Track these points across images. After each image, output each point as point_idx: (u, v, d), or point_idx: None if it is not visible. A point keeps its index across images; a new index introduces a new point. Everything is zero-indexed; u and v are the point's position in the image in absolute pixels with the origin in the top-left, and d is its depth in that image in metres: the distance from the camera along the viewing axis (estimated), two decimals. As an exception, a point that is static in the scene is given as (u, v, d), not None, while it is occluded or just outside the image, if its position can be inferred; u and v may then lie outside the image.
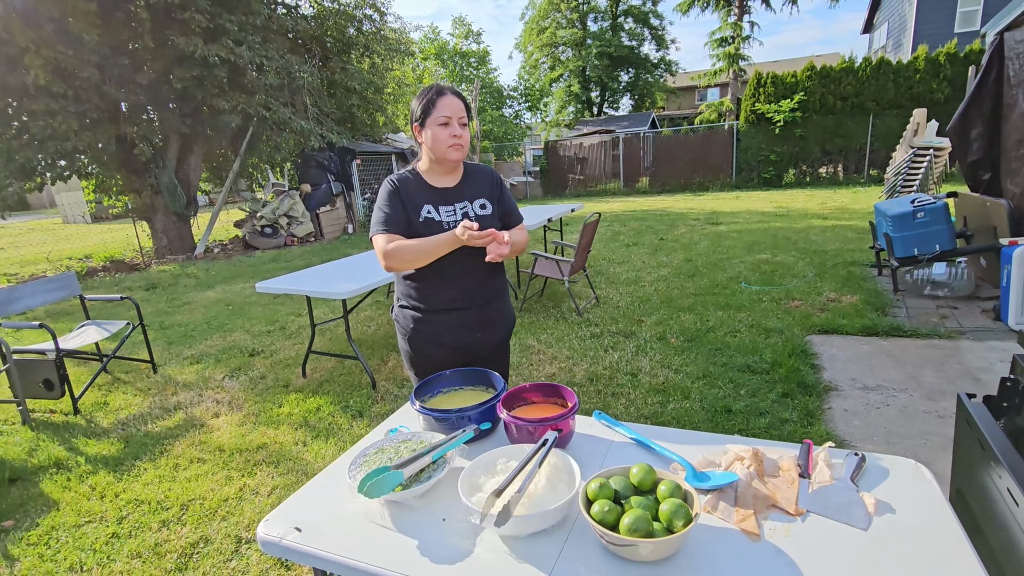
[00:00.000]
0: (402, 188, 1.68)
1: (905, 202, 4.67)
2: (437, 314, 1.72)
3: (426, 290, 1.70)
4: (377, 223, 1.64)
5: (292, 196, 10.90)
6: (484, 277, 1.73)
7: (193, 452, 2.85)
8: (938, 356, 3.30)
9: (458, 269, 1.67)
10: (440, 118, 1.61)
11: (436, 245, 1.56)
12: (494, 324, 1.79)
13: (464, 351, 1.76)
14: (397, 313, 1.80)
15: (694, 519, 0.90)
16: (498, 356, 1.87)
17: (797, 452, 1.19)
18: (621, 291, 5.32)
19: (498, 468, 1.14)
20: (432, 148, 1.65)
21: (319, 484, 1.25)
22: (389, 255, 1.57)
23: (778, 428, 2.66)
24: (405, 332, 1.77)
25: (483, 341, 1.77)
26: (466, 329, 1.74)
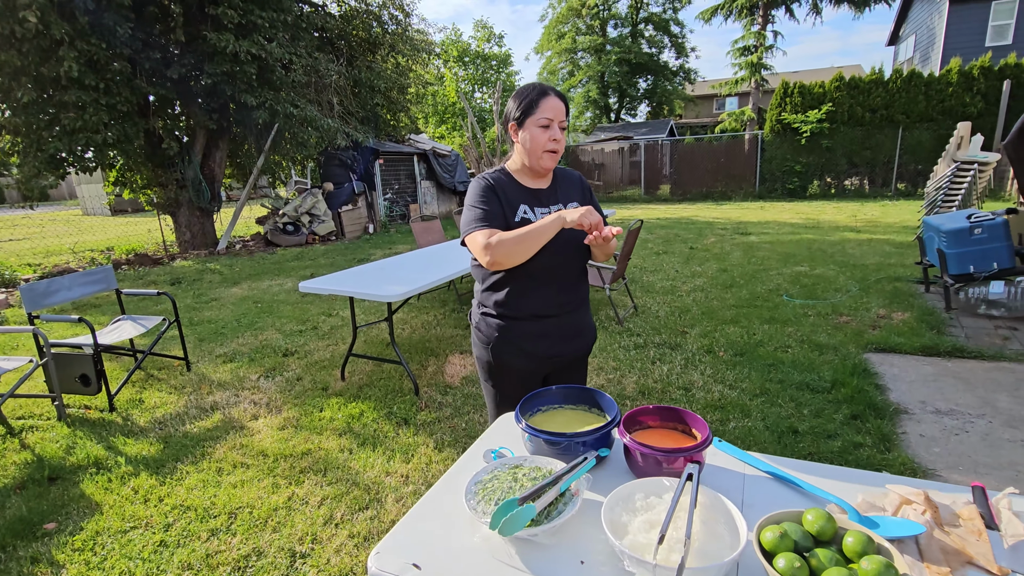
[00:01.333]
0: (498, 186, 1.58)
1: (961, 217, 4.50)
2: (524, 322, 1.61)
3: (515, 295, 1.60)
4: (475, 220, 1.53)
5: (315, 194, 10.86)
6: (573, 283, 1.64)
7: (235, 456, 2.75)
8: (1010, 380, 3.14)
9: (548, 274, 1.58)
10: (542, 119, 1.51)
11: (540, 229, 1.44)
12: (580, 334, 1.69)
13: (547, 362, 1.66)
14: (479, 321, 1.69)
15: (907, 582, 0.77)
16: (577, 370, 1.76)
17: (970, 497, 1.05)
18: (658, 300, 5.18)
19: (637, 505, 1.01)
20: (529, 150, 1.55)
21: (427, 511, 1.13)
22: (493, 248, 1.45)
23: (852, 453, 2.52)
24: (488, 340, 1.66)
25: (568, 352, 1.67)
26: (552, 339, 1.64)
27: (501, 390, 1.72)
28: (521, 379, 1.68)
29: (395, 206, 12.66)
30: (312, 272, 7.44)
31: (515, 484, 1.09)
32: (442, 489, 1.20)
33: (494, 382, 1.72)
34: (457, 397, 3.30)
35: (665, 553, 0.88)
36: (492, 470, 1.16)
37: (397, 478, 2.49)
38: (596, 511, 1.07)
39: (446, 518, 1.10)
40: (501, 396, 1.72)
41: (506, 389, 1.71)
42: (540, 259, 1.52)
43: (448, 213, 13.82)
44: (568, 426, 1.33)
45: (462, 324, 4.75)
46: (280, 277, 7.24)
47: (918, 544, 0.94)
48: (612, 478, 1.18)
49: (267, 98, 8.81)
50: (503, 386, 1.70)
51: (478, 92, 23.45)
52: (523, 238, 1.45)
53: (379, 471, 2.55)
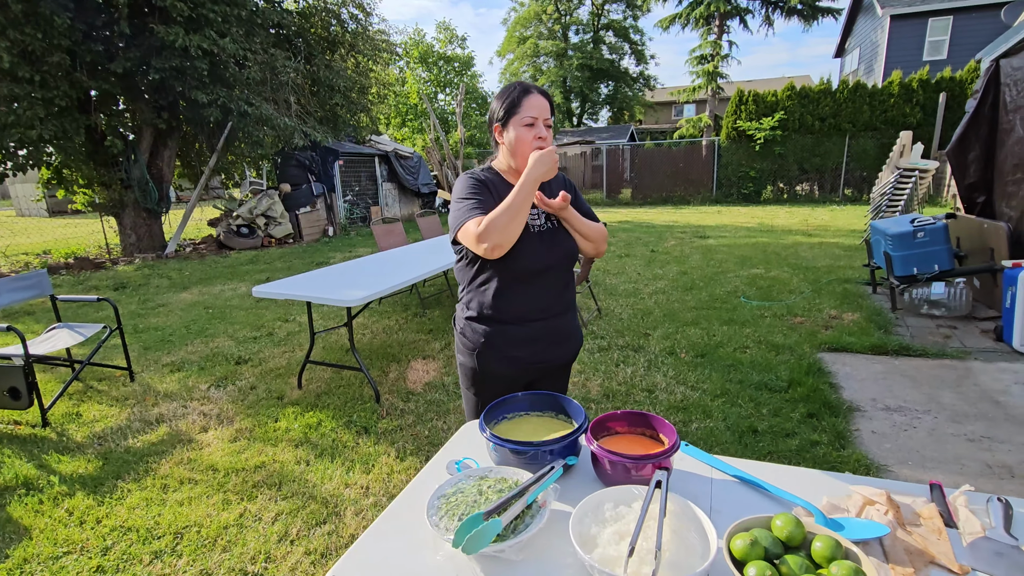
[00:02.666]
0: (488, 182, 1.55)
1: (905, 221, 4.72)
2: (510, 326, 1.56)
3: (503, 298, 1.54)
4: (468, 210, 1.47)
5: (271, 196, 10.52)
6: (561, 287, 1.60)
7: (182, 472, 2.60)
8: (953, 377, 3.29)
9: (535, 276, 1.54)
10: (526, 118, 1.48)
11: (523, 191, 1.41)
12: (567, 340, 1.65)
13: (533, 369, 1.62)
14: (464, 326, 1.63)
15: (876, 587, 0.77)
16: (561, 377, 1.72)
17: (928, 495, 1.07)
18: (622, 303, 5.23)
19: (607, 515, 0.98)
20: (515, 150, 1.52)
21: (386, 529, 1.07)
22: (484, 231, 1.38)
23: (809, 451, 2.57)
24: (474, 346, 1.60)
25: (554, 358, 1.63)
26: (539, 344, 1.59)
27: (483, 398, 1.64)
28: (505, 386, 1.60)
29: (356, 208, 12.39)
30: (268, 276, 7.18)
31: (480, 497, 1.04)
32: (403, 504, 1.14)
33: (476, 390, 1.66)
34: (420, 404, 3.22)
35: (636, 566, 0.85)
36: (456, 483, 1.11)
37: (357, 490, 2.40)
38: (565, 523, 1.03)
39: (407, 536, 1.04)
40: (483, 405, 1.66)
41: (489, 398, 1.64)
42: (526, 260, 1.50)
43: (411, 216, 13.63)
44: (535, 434, 1.29)
45: (425, 328, 4.66)
46: (233, 281, 6.95)
47: (882, 545, 0.94)
48: (581, 487, 1.15)
49: (220, 95, 8.47)
50: (486, 394, 1.63)
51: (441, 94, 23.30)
52: (510, 209, 1.39)
53: (338, 483, 2.45)
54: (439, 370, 3.74)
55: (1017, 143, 4.37)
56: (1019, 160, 4.33)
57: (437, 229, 6.15)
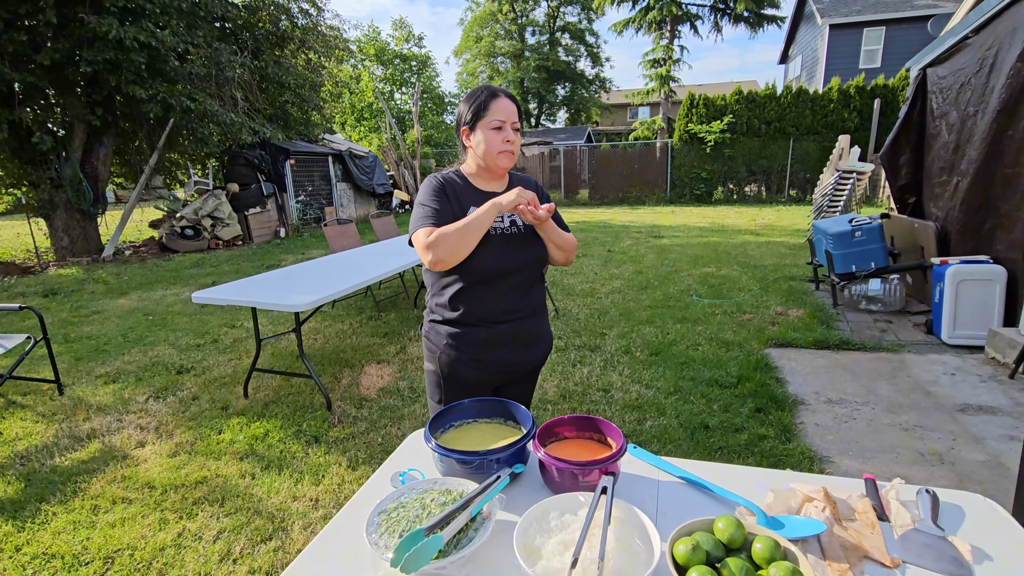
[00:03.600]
0: (448, 186, 1.52)
1: (843, 221, 4.94)
2: (480, 328, 1.53)
3: (466, 300, 1.51)
4: (422, 218, 1.46)
5: (217, 196, 10.08)
6: (527, 288, 1.57)
7: (115, 491, 2.43)
8: (888, 369, 3.47)
9: (501, 278, 1.51)
10: (493, 122, 1.46)
11: (478, 217, 1.40)
12: (535, 343, 1.62)
13: (500, 373, 1.59)
14: (428, 329, 1.59)
15: (813, 587, 0.77)
16: (528, 382, 1.70)
17: (863, 490, 1.10)
18: (579, 303, 5.27)
19: (552, 525, 0.96)
20: (483, 154, 1.50)
21: (322, 549, 1.01)
22: (433, 244, 1.38)
23: (757, 445, 2.65)
24: (437, 351, 1.56)
25: (522, 362, 1.60)
26: (506, 347, 1.56)
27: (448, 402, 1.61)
28: (472, 392, 1.57)
29: (309, 209, 12.04)
30: (214, 280, 6.87)
31: (423, 512, 1.01)
32: (343, 521, 1.09)
33: (441, 396, 1.61)
34: (373, 410, 3.14)
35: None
36: (398, 497, 1.07)
37: (305, 503, 2.31)
38: (510, 534, 1.00)
39: (346, 556, 0.99)
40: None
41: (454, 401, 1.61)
42: (492, 261, 1.47)
43: (366, 216, 13.36)
44: (483, 442, 1.26)
45: (380, 332, 4.56)
46: (176, 286, 6.63)
47: (820, 542, 0.96)
48: (529, 495, 1.13)
49: (160, 90, 8.06)
50: (452, 401, 1.59)
51: (397, 93, 22.96)
52: (462, 230, 1.39)
53: (285, 496, 2.35)
54: (394, 375, 3.66)
55: (943, 147, 4.65)
56: (945, 163, 4.61)
57: (392, 230, 6.03)
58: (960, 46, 4.47)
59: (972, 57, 4.26)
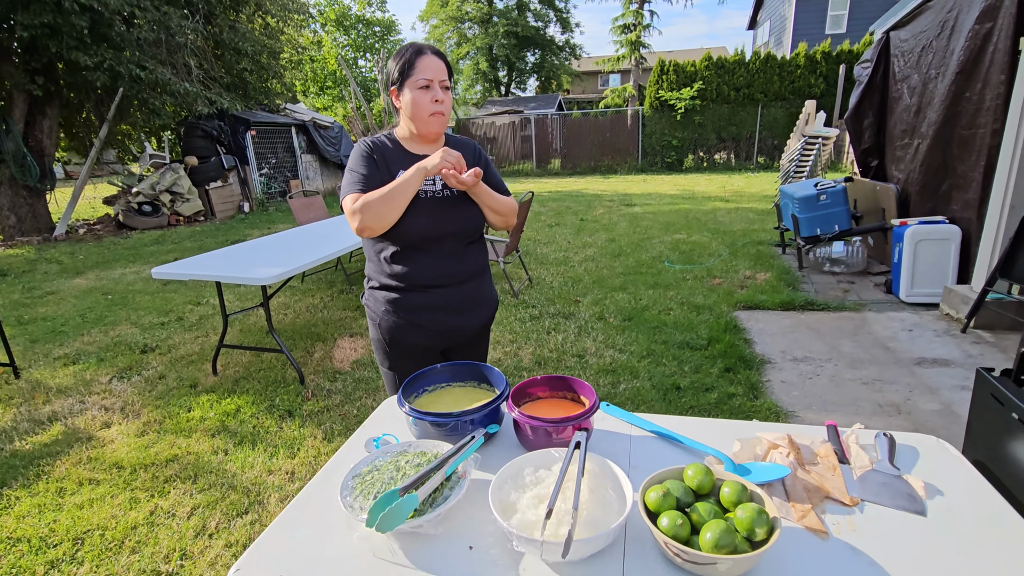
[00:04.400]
0: (377, 151, 1.48)
1: (809, 185, 5.03)
2: (416, 293, 1.51)
3: (401, 265, 1.49)
4: (351, 184, 1.42)
5: (175, 170, 9.66)
6: (466, 251, 1.55)
7: (81, 472, 2.37)
8: (850, 327, 3.59)
9: (435, 243, 1.49)
10: (420, 80, 1.41)
11: (403, 183, 1.37)
12: (478, 306, 1.61)
13: (444, 338, 1.58)
14: (367, 297, 1.58)
15: (777, 527, 0.80)
16: (479, 343, 1.70)
17: (825, 436, 1.14)
18: (552, 272, 5.28)
19: (527, 480, 0.97)
20: (412, 115, 1.45)
21: (296, 516, 1.00)
22: (359, 212, 1.36)
23: (727, 403, 2.73)
24: (376, 317, 1.55)
25: (465, 326, 1.59)
26: (448, 311, 1.55)
27: (399, 371, 1.61)
28: (418, 357, 1.58)
29: (273, 182, 11.66)
30: (176, 257, 6.64)
31: (397, 474, 1.00)
32: (316, 488, 1.08)
33: (391, 363, 1.61)
34: (347, 383, 3.11)
35: (554, 527, 0.84)
36: (372, 461, 1.06)
37: (281, 476, 2.29)
38: (486, 492, 1.01)
39: (319, 520, 0.98)
40: (401, 378, 1.61)
41: (405, 369, 1.60)
42: (422, 226, 1.44)
43: (334, 189, 13.03)
44: (456, 404, 1.25)
45: (351, 305, 4.50)
46: (136, 264, 6.38)
47: (784, 485, 1.00)
48: (503, 454, 1.14)
49: (106, 57, 7.59)
50: (401, 366, 1.60)
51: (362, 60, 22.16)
52: (387, 196, 1.36)
53: (260, 470, 2.33)
54: (367, 347, 3.63)
55: (905, 110, 4.74)
56: (907, 126, 4.71)
57: (361, 202, 5.89)
58: (922, 8, 4.52)
59: (933, 20, 4.32)
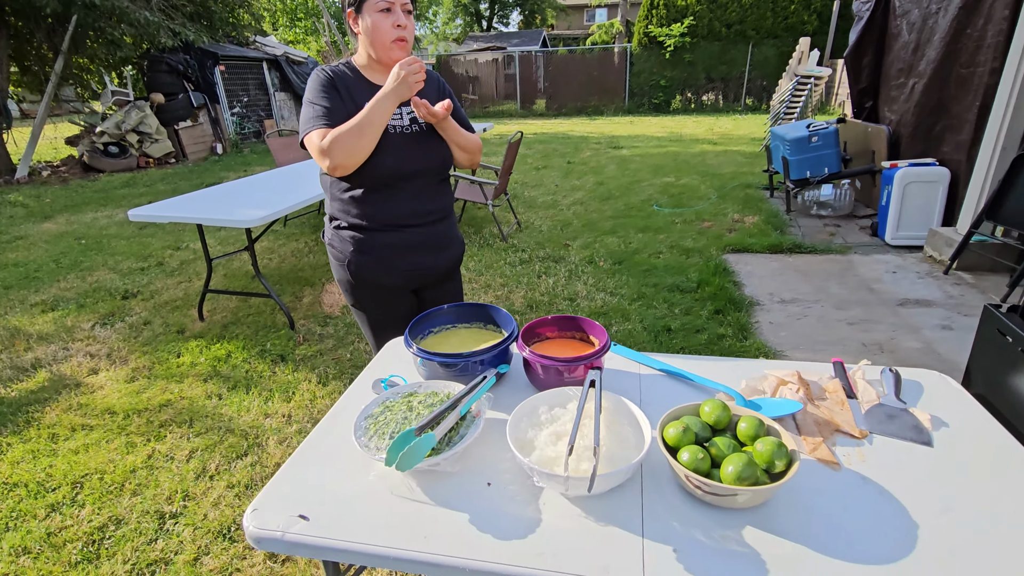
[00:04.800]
0: (338, 80, 1.38)
1: (801, 127, 4.96)
2: (383, 232, 1.47)
3: (369, 203, 1.44)
4: (313, 119, 1.33)
5: (141, 108, 9.13)
6: (434, 191, 1.51)
7: (73, 418, 2.34)
8: (837, 269, 3.64)
9: (405, 180, 1.43)
10: (380, 3, 1.31)
11: (372, 110, 1.29)
12: (446, 246, 1.59)
13: (414, 277, 1.55)
14: (332, 236, 1.52)
15: (796, 459, 0.81)
16: (451, 283, 1.68)
17: (832, 372, 1.16)
18: (541, 215, 5.21)
19: (542, 418, 0.97)
20: (372, 42, 1.35)
21: (310, 456, 0.99)
22: (329, 150, 1.28)
23: (717, 344, 2.78)
24: (343, 258, 1.50)
25: (435, 265, 1.57)
26: (416, 251, 1.52)
27: (371, 312, 1.59)
28: (389, 298, 1.57)
29: (246, 122, 11.13)
30: (149, 200, 6.37)
31: (410, 413, 0.99)
32: (326, 429, 1.07)
33: (361, 305, 1.59)
34: (339, 327, 3.08)
35: (575, 463, 0.84)
36: (383, 401, 1.05)
37: (278, 419, 2.29)
38: (500, 431, 1.01)
39: (334, 460, 0.98)
40: (373, 319, 1.60)
41: (376, 311, 1.58)
42: (393, 163, 1.39)
43: (311, 130, 12.49)
44: (463, 346, 1.24)
45: (338, 250, 4.40)
46: (108, 208, 6.12)
47: (795, 420, 1.01)
48: (514, 394, 1.13)
49: (54, -20, 6.96)
50: (372, 308, 1.58)
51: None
52: (358, 129, 1.28)
53: (256, 414, 2.32)
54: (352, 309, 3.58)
55: (903, 48, 4.63)
56: (904, 64, 4.61)
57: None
58: (929, -63, 4.32)
59: (940, -51, 4.13)
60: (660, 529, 0.80)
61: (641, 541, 0.78)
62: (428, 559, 0.77)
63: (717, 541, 0.77)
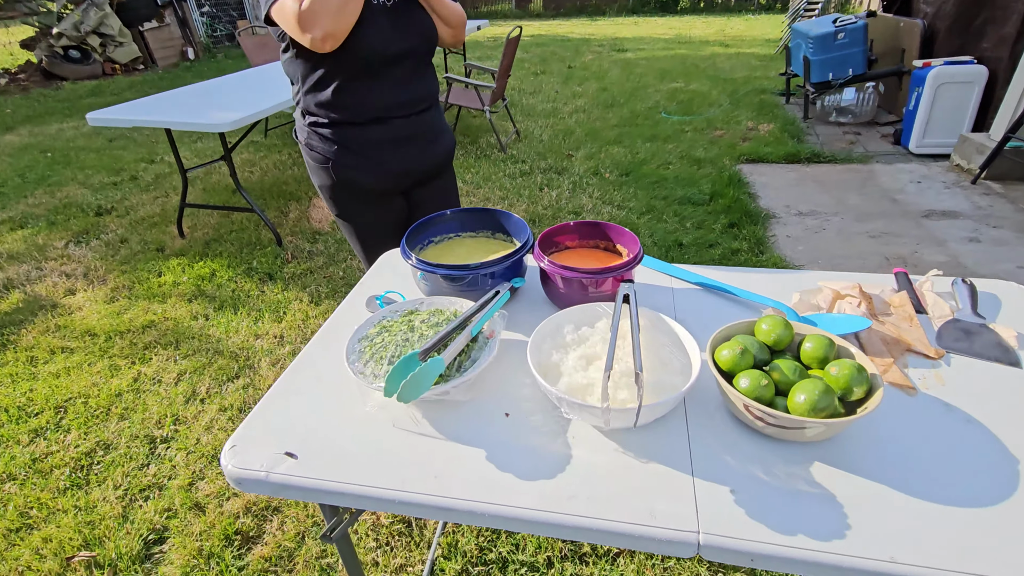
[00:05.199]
0: None
1: (827, 22, 4.52)
2: (365, 127, 1.28)
3: (350, 93, 1.24)
4: None
5: (100, 6, 8.28)
6: (419, 76, 1.32)
7: (52, 341, 2.22)
8: (857, 180, 3.43)
9: (386, 65, 1.23)
10: None
11: None
12: (435, 140, 1.41)
13: (403, 177, 1.38)
14: (309, 136, 1.33)
15: (878, 385, 0.68)
16: (445, 184, 1.51)
17: (894, 284, 1.01)
18: (541, 124, 4.86)
19: (568, 339, 0.82)
20: None
21: (296, 384, 0.86)
22: (309, 15, 1.06)
23: (731, 259, 2.63)
24: (325, 158, 1.32)
25: (425, 163, 1.40)
26: (403, 147, 1.34)
27: (359, 222, 1.42)
28: (376, 202, 1.40)
29: (218, 23, 10.22)
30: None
31: (412, 335, 0.84)
32: (315, 353, 0.92)
33: (347, 213, 1.42)
34: (329, 244, 2.90)
35: (612, 392, 0.71)
36: (379, 320, 0.89)
37: (270, 340, 2.17)
38: (517, 354, 0.87)
39: (322, 389, 0.84)
40: (362, 229, 1.43)
41: (363, 217, 1.42)
42: (378, 42, 1.19)
43: (290, 33, 11.52)
44: (470, 257, 1.07)
45: (325, 162, 4.11)
46: (74, 118, 5.68)
47: (859, 339, 0.87)
48: (530, 313, 0.98)
49: None
50: (358, 214, 1.42)
51: None
52: None
53: (246, 335, 2.20)
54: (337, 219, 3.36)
55: (949, -73, 4.10)
56: (947, -53, 4.10)
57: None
58: None
59: None
60: (712, 466, 0.67)
61: (691, 480, 0.66)
62: (440, 503, 0.65)
63: (781, 479, 0.65)
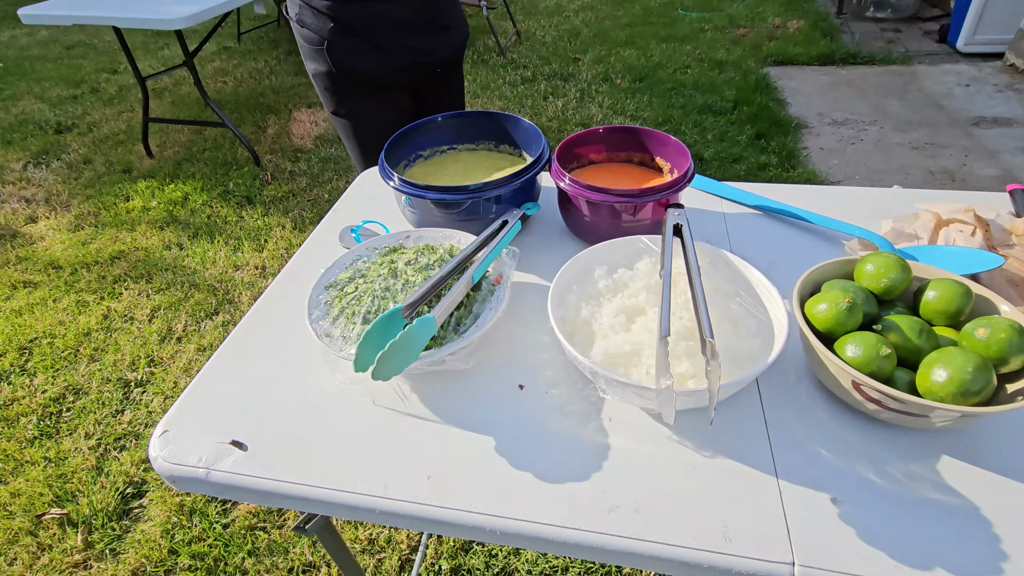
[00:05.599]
0: None
1: None
2: (369, 2, 1.03)
3: None
4: None
5: None
6: None
7: (12, 274, 2.02)
8: (898, 84, 3.07)
9: None
10: None
11: None
12: (449, 25, 1.15)
13: (411, 69, 1.14)
14: (300, 11, 1.07)
15: (1046, 352, 0.48)
16: (453, 80, 1.26)
17: (1010, 205, 0.79)
18: (543, 24, 4.36)
19: (600, 286, 0.62)
20: None
21: (245, 349, 0.66)
22: None
23: (757, 175, 2.38)
24: (319, 38, 1.07)
25: (437, 51, 1.15)
26: (413, 31, 1.09)
27: (358, 118, 1.19)
28: (381, 96, 1.17)
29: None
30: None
31: (395, 281, 0.64)
32: (272, 306, 0.72)
33: (345, 108, 1.18)
34: (312, 162, 2.62)
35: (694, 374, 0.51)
36: (352, 262, 0.69)
37: (250, 271, 1.98)
38: (533, 304, 0.67)
39: (283, 355, 0.65)
40: (361, 128, 1.20)
41: (365, 114, 1.18)
42: None
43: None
44: (469, 176, 0.85)
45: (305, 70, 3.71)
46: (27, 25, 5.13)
47: (978, 280, 0.67)
48: (547, 248, 0.77)
49: None
50: (359, 110, 1.18)
51: None
52: None
53: (224, 266, 2.00)
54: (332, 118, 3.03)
55: None
56: None
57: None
58: None
59: None
60: (803, 465, 0.50)
61: (775, 484, 0.48)
62: (435, 514, 0.48)
63: (900, 483, 0.48)
